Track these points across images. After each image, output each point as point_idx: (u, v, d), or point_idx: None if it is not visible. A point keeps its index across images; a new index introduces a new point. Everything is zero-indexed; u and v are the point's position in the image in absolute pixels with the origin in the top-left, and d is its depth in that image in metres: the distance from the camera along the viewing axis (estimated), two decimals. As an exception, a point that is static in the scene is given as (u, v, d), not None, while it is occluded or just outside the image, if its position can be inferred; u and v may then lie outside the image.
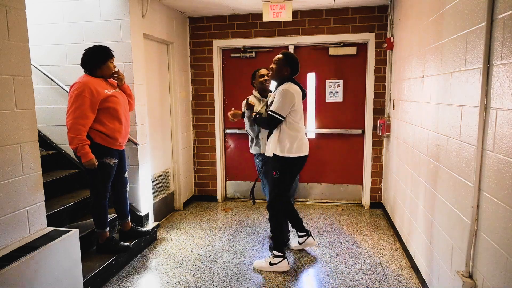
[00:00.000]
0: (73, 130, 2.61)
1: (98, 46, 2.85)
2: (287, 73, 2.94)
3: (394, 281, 2.84)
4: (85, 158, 2.65)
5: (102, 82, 2.84)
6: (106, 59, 2.84)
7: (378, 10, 4.29)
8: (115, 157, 2.91)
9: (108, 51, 2.86)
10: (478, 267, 1.81)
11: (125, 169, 3.15)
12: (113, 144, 2.86)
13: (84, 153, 2.64)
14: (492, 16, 1.68)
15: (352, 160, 4.69)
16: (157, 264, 3.20)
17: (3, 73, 1.93)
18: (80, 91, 2.64)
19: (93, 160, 2.68)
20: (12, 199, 2.00)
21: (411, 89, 3.15)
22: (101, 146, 2.78)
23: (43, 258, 2.03)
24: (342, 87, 4.56)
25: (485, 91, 1.73)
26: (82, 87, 2.66)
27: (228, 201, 4.99)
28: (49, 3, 3.43)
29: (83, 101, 2.64)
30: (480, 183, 1.79)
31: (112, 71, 2.90)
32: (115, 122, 2.84)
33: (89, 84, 2.69)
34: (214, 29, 4.67)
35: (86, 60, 2.81)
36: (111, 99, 2.80)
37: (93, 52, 2.81)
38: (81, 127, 2.63)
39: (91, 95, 2.67)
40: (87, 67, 2.81)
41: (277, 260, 3.02)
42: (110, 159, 2.85)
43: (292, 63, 2.94)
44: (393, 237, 3.68)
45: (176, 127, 4.51)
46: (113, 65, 2.91)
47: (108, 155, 2.84)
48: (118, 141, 2.90)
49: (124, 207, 3.21)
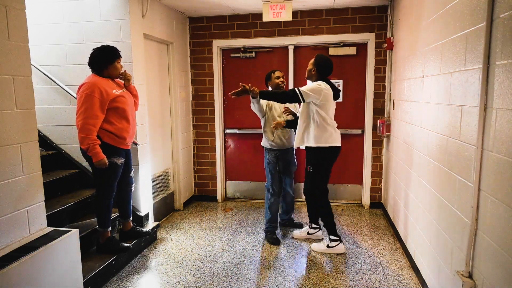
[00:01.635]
0: (84, 130, 2.63)
1: (106, 46, 2.85)
2: (314, 72, 3.21)
3: (394, 281, 2.84)
4: (96, 158, 2.67)
5: (110, 82, 2.86)
6: (114, 60, 2.85)
7: (378, 10, 4.29)
8: (122, 156, 2.93)
9: (115, 51, 2.87)
10: (478, 267, 1.81)
11: (131, 168, 3.17)
12: (121, 144, 2.88)
13: (95, 152, 2.66)
14: (492, 16, 1.68)
15: (352, 160, 4.69)
16: (157, 264, 3.20)
17: (3, 73, 1.93)
18: (90, 92, 2.66)
19: (104, 160, 2.70)
20: (12, 199, 2.00)
21: (411, 89, 3.15)
22: (109, 146, 2.80)
23: (43, 258, 2.03)
24: (342, 87, 4.56)
25: (485, 91, 1.73)
26: (92, 87, 2.67)
27: (228, 201, 4.99)
28: (49, 3, 3.43)
29: (93, 101, 2.65)
30: (480, 183, 1.79)
31: (119, 71, 2.91)
32: (123, 122, 2.87)
33: (98, 85, 2.70)
34: (214, 29, 4.67)
35: (94, 60, 2.81)
36: (119, 99, 2.82)
37: (101, 52, 2.82)
38: (92, 127, 2.65)
39: (101, 95, 2.69)
40: (94, 67, 2.82)
41: (334, 244, 3.31)
42: (117, 159, 2.87)
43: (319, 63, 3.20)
44: (393, 237, 3.68)
45: (176, 127, 4.51)
46: (120, 65, 2.92)
47: (115, 155, 2.85)
48: (126, 141, 2.93)
49: (127, 206, 3.22)
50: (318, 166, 3.27)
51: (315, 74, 3.20)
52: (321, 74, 3.20)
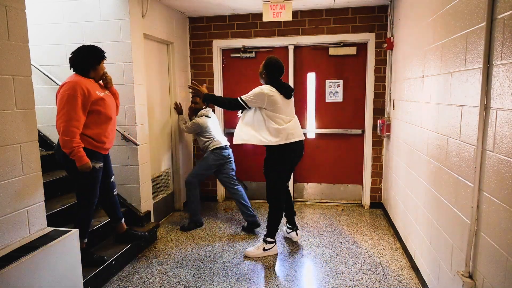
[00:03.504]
0: (68, 133, 2.48)
1: (91, 46, 2.72)
2: (264, 76, 3.29)
3: (394, 281, 2.84)
4: (80, 162, 2.54)
5: (94, 83, 2.72)
6: (101, 60, 2.75)
7: (378, 10, 4.29)
8: (100, 160, 2.77)
9: (101, 51, 2.75)
10: (478, 267, 1.81)
11: (111, 174, 3.03)
12: (99, 148, 2.73)
13: (79, 156, 2.52)
14: (492, 16, 1.68)
15: (352, 160, 4.69)
16: (157, 264, 3.20)
17: (3, 73, 1.93)
18: (73, 92, 2.51)
19: (89, 164, 2.58)
20: (12, 199, 2.00)
21: (411, 89, 3.15)
22: (87, 150, 2.63)
23: (43, 258, 2.03)
24: (342, 87, 4.56)
25: (485, 91, 1.73)
26: (75, 86, 2.52)
27: (228, 201, 4.99)
28: (49, 3, 3.43)
29: (76, 102, 2.51)
30: (480, 183, 1.79)
31: (103, 72, 2.81)
32: (102, 126, 2.72)
33: (81, 84, 2.56)
34: (214, 29, 4.67)
35: (79, 60, 2.68)
36: (101, 102, 2.68)
37: (89, 52, 2.69)
38: (75, 129, 2.51)
39: (83, 96, 2.55)
40: (80, 67, 2.68)
41: (270, 246, 3.36)
42: (95, 163, 2.71)
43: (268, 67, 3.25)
44: (393, 237, 3.68)
45: (176, 127, 4.51)
46: (104, 66, 2.81)
47: (93, 159, 2.69)
48: (105, 145, 2.78)
49: (115, 210, 3.09)
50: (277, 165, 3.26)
51: (265, 76, 3.28)
52: (270, 76, 3.26)
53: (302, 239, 3.65)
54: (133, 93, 3.43)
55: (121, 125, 3.47)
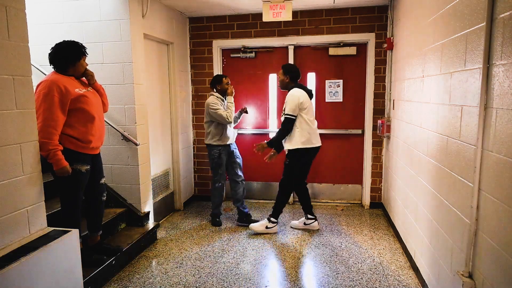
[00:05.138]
0: (44, 134, 2.32)
1: (71, 42, 2.60)
2: (288, 80, 3.60)
3: (394, 281, 2.84)
4: (57, 166, 2.39)
5: (73, 80, 2.59)
6: (81, 56, 2.61)
7: (378, 10, 4.29)
8: (87, 162, 2.63)
9: (83, 47, 2.63)
10: (478, 267, 1.81)
11: (101, 175, 2.86)
12: (85, 149, 2.59)
13: (56, 160, 2.37)
14: (492, 16, 1.68)
15: (352, 160, 4.69)
16: (157, 264, 3.20)
17: (3, 73, 1.93)
18: (48, 90, 2.38)
19: (67, 168, 2.42)
20: (12, 199, 2.00)
21: (411, 89, 3.15)
22: (70, 151, 2.51)
23: (43, 258, 2.03)
24: (342, 87, 4.56)
25: (485, 91, 1.73)
26: (50, 85, 2.40)
27: (228, 201, 4.99)
28: (49, 3, 3.43)
29: (52, 101, 2.38)
30: (480, 183, 1.79)
31: (84, 69, 2.66)
32: (87, 125, 2.58)
33: (58, 82, 2.43)
34: (214, 29, 4.67)
35: (58, 56, 2.55)
36: (82, 99, 2.53)
37: (68, 48, 2.57)
38: (53, 130, 2.36)
39: (61, 94, 2.41)
40: (59, 64, 2.56)
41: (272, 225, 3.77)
42: (81, 165, 2.58)
43: (289, 71, 3.60)
44: (393, 237, 3.68)
45: (176, 127, 4.51)
46: (86, 63, 2.68)
47: (79, 161, 2.56)
48: (92, 144, 2.63)
49: (97, 219, 2.87)
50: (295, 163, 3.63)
51: (289, 82, 3.58)
52: (294, 79, 3.59)
53: (302, 239, 3.65)
54: (133, 93, 3.43)
55: (121, 125, 3.47)
